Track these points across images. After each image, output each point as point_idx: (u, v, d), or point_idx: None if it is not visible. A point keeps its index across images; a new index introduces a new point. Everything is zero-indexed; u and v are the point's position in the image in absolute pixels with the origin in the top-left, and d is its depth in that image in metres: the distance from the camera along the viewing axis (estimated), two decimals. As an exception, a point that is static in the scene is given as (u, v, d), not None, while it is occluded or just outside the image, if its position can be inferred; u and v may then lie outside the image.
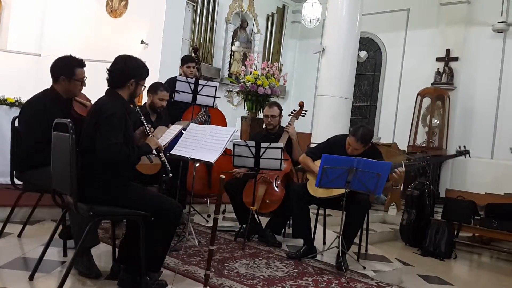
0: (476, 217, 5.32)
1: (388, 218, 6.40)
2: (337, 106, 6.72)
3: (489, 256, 5.50)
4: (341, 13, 6.72)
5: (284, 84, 7.78)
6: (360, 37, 7.08)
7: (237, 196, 4.10)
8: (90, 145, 2.41)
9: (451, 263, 4.87)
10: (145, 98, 4.48)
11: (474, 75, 8.84)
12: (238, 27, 10.26)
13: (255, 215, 4.00)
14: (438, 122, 8.87)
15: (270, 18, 10.93)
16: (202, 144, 3.13)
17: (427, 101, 8.92)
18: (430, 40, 9.29)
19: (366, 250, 4.13)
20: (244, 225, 3.96)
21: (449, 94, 8.83)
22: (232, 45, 10.07)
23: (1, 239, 3.27)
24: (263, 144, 3.74)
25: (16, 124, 3.19)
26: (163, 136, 2.97)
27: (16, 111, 4.26)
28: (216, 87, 4.58)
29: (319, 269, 3.37)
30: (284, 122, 4.35)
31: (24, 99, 4.11)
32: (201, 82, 4.50)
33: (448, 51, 9.02)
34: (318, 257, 3.66)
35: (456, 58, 8.96)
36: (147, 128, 2.70)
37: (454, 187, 8.55)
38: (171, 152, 3.12)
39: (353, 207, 3.43)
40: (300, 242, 3.80)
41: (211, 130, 3.20)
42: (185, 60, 4.97)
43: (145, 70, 2.64)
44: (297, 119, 4.44)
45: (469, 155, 3.94)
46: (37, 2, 9.00)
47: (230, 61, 10.12)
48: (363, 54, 7.13)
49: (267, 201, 4.01)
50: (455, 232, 5.24)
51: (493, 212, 5.17)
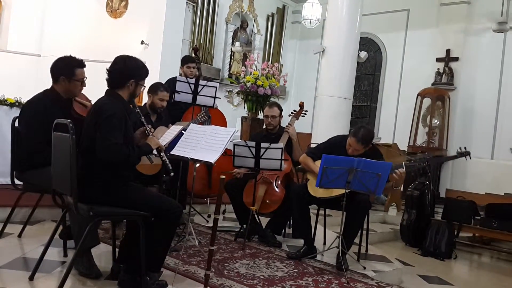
0: (476, 217, 5.32)
1: (388, 218, 6.40)
2: (337, 107, 6.73)
3: (489, 256, 5.49)
4: (341, 14, 6.73)
5: (284, 84, 7.78)
6: (360, 38, 7.09)
7: (237, 196, 4.10)
8: (90, 146, 2.41)
9: (451, 263, 4.87)
10: (145, 98, 4.49)
11: (474, 75, 8.84)
12: (238, 28, 10.26)
13: (255, 215, 4.00)
14: (438, 122, 8.87)
15: (270, 19, 10.94)
16: (202, 144, 3.13)
17: (427, 101, 8.93)
18: (430, 41, 9.30)
19: (366, 250, 4.13)
20: (244, 225, 3.96)
21: (449, 94, 8.83)
22: (232, 45, 10.07)
23: (1, 239, 3.27)
24: (263, 145, 3.74)
25: (16, 124, 3.19)
26: (163, 137, 2.98)
27: (16, 112, 4.25)
28: (216, 87, 4.59)
29: (319, 269, 3.37)
30: (284, 122, 4.35)
31: (24, 100, 4.12)
32: (201, 82, 4.50)
33: (448, 51, 9.02)
34: (318, 257, 3.66)
35: (456, 59, 8.96)
36: (148, 128, 2.70)
37: (454, 187, 8.55)
38: (171, 153, 3.12)
39: (354, 207, 3.43)
40: (300, 242, 3.80)
41: (211, 130, 3.21)
42: (185, 61, 4.97)
43: (145, 70, 2.64)
44: (297, 119, 4.44)
45: (470, 157, 3.94)
46: (37, 3, 9.00)
47: (230, 61, 10.12)
48: (363, 54, 7.14)
49: (267, 201, 4.01)
50: (455, 232, 5.24)
51: (493, 212, 5.17)
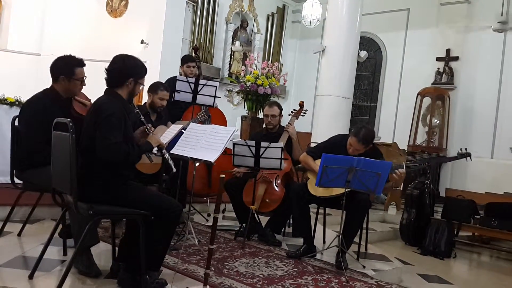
0: (476, 216, 5.32)
1: (388, 217, 6.40)
2: (337, 106, 6.73)
3: (488, 255, 5.50)
4: (341, 13, 6.73)
5: (284, 83, 7.79)
6: (360, 37, 7.09)
7: (237, 196, 4.10)
8: (90, 145, 2.41)
9: (451, 262, 4.87)
10: (145, 97, 4.49)
11: (474, 74, 8.84)
12: (238, 27, 10.26)
13: (255, 214, 4.00)
14: (438, 121, 8.87)
15: (270, 18, 10.93)
16: (202, 143, 3.13)
17: (427, 100, 8.93)
18: (430, 40, 9.29)
19: (366, 249, 4.13)
20: (244, 224, 3.97)
21: (449, 94, 8.83)
22: (232, 44, 10.08)
23: (1, 238, 3.27)
24: (263, 144, 3.74)
25: (16, 123, 3.19)
26: (163, 136, 2.98)
27: (16, 111, 4.26)
28: (216, 86, 4.59)
29: (319, 268, 3.37)
30: (284, 121, 4.35)
31: (24, 99, 4.12)
32: (201, 81, 4.50)
33: (448, 50, 9.02)
34: (318, 256, 3.66)
35: (456, 58, 8.96)
36: (148, 127, 2.70)
37: (454, 186, 8.55)
38: (171, 152, 3.12)
39: (353, 206, 3.44)
40: (300, 241, 3.80)
41: (211, 129, 3.21)
42: (185, 60, 4.98)
43: (144, 69, 2.64)
44: (297, 118, 4.44)
45: (470, 158, 3.93)
46: (37, 2, 9.00)
47: (230, 60, 10.12)
48: (363, 53, 7.13)
49: (267, 200, 4.02)
50: (455, 231, 5.24)
51: (493, 211, 5.17)
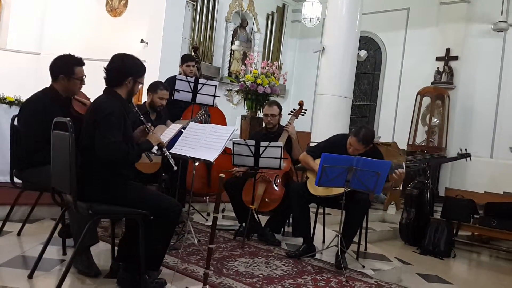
0: (475, 216, 5.32)
1: (388, 217, 6.40)
2: (337, 105, 6.73)
3: (488, 255, 5.50)
4: (341, 12, 6.73)
5: (284, 83, 7.80)
6: (360, 36, 7.09)
7: (236, 195, 4.10)
8: (89, 144, 2.41)
9: (450, 262, 4.87)
10: (144, 97, 4.48)
11: (474, 74, 8.84)
12: (238, 26, 10.26)
13: (255, 214, 4.00)
14: (437, 121, 8.87)
15: (270, 17, 10.93)
16: (202, 143, 3.13)
17: (426, 100, 8.92)
18: (430, 39, 9.29)
19: (366, 249, 4.13)
20: (244, 224, 3.97)
21: (449, 93, 8.83)
22: (232, 44, 10.07)
23: (1, 238, 3.27)
24: (262, 143, 3.74)
25: (16, 123, 3.19)
26: (162, 135, 2.98)
27: (15, 110, 4.26)
28: (215, 86, 4.59)
29: (318, 267, 3.37)
30: (284, 121, 4.35)
31: (23, 98, 4.11)
32: (201, 81, 4.50)
33: (448, 50, 9.01)
34: (318, 255, 3.66)
35: (456, 57, 8.96)
36: (148, 126, 2.70)
37: (453, 186, 8.54)
38: (170, 151, 3.12)
39: (353, 206, 3.43)
40: (300, 241, 3.80)
41: (210, 129, 3.21)
42: (185, 59, 4.97)
43: (143, 68, 2.63)
44: (296, 118, 4.44)
45: (470, 158, 3.93)
46: (37, 1, 9.00)
47: (230, 60, 10.12)
48: (363, 53, 7.12)
49: (266, 200, 4.01)
50: (454, 231, 5.24)
51: (492, 211, 5.17)
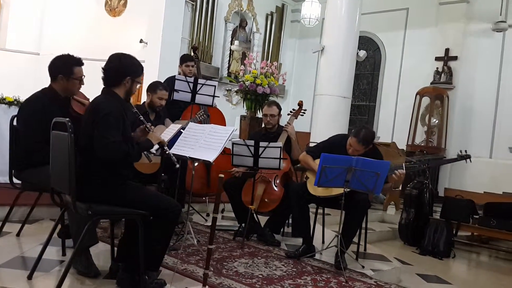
0: (474, 216, 5.32)
1: (387, 217, 6.40)
2: (336, 106, 6.72)
3: (487, 255, 5.50)
4: (340, 12, 6.72)
5: (283, 83, 7.80)
6: (359, 36, 7.08)
7: (236, 195, 4.10)
8: (88, 144, 2.41)
9: (450, 262, 4.87)
10: (144, 97, 4.48)
11: (473, 74, 8.84)
12: (237, 26, 10.25)
13: (254, 214, 4.00)
14: (437, 121, 8.87)
15: (269, 17, 10.93)
16: (201, 143, 3.13)
17: (426, 100, 8.92)
18: (429, 39, 9.29)
19: (365, 249, 4.13)
20: (243, 224, 3.96)
21: (448, 94, 8.83)
22: (231, 44, 10.06)
23: (0, 238, 3.26)
24: (262, 143, 3.73)
25: (15, 123, 3.18)
26: (162, 135, 2.98)
27: (14, 110, 4.26)
28: (215, 86, 4.59)
29: (318, 268, 3.37)
30: (283, 121, 4.35)
31: (23, 98, 4.11)
32: (200, 81, 4.50)
33: (447, 50, 9.01)
34: (317, 256, 3.66)
35: (455, 58, 8.96)
36: (148, 125, 2.69)
37: (453, 186, 8.55)
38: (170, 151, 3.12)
39: (353, 206, 3.43)
40: (299, 241, 3.80)
41: (210, 129, 3.21)
42: (184, 59, 4.96)
43: (140, 68, 2.63)
44: (296, 118, 4.44)
45: (470, 160, 3.94)
46: (36, 1, 9.00)
47: (229, 60, 10.11)
48: (362, 53, 7.13)
49: (266, 200, 4.01)
50: (454, 231, 5.24)
51: (492, 211, 5.17)
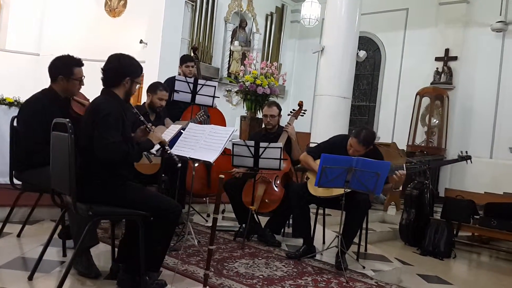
0: (475, 216, 5.32)
1: (388, 217, 6.40)
2: (336, 106, 6.72)
3: (488, 255, 5.50)
4: (340, 13, 6.72)
5: (283, 83, 7.79)
6: (359, 37, 7.09)
7: (236, 196, 4.10)
8: (88, 144, 2.41)
9: (451, 263, 4.87)
10: (144, 97, 4.47)
11: (473, 74, 8.85)
12: (237, 27, 10.26)
13: (255, 215, 4.00)
14: (437, 121, 8.87)
15: (269, 18, 10.93)
16: (201, 143, 3.13)
17: (426, 100, 8.93)
18: (429, 40, 9.30)
19: (366, 250, 4.13)
20: (244, 225, 3.96)
21: (448, 94, 8.83)
22: (231, 44, 10.06)
23: (0, 239, 3.26)
24: (262, 144, 3.73)
25: (15, 124, 3.18)
26: (162, 136, 2.97)
27: (15, 111, 4.25)
28: (215, 86, 4.59)
29: (319, 268, 3.37)
30: (283, 121, 4.35)
31: (23, 99, 4.11)
32: (200, 81, 4.50)
33: (447, 50, 9.02)
34: (318, 256, 3.66)
35: (455, 58, 8.96)
36: (148, 125, 2.69)
37: (453, 186, 8.55)
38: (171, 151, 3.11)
39: (353, 207, 3.43)
40: (300, 241, 3.80)
41: (210, 129, 3.21)
42: (184, 60, 4.96)
43: (139, 68, 2.63)
44: (296, 118, 4.44)
45: (471, 161, 3.94)
46: (36, 2, 9.01)
47: (229, 60, 10.11)
48: (362, 53, 7.12)
49: (266, 200, 4.01)
50: (454, 232, 5.24)
51: (492, 211, 5.17)
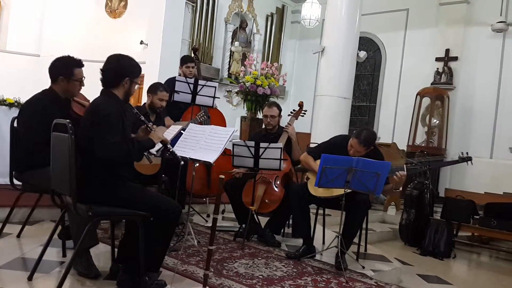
0: (475, 216, 5.32)
1: (388, 217, 6.40)
2: (337, 106, 6.73)
3: (488, 255, 5.49)
4: (341, 13, 6.73)
5: (283, 84, 7.80)
6: (360, 37, 7.09)
7: (236, 196, 4.10)
8: (87, 145, 2.41)
9: (450, 263, 4.87)
10: (144, 98, 4.48)
11: (474, 74, 8.85)
12: (237, 27, 10.27)
13: (255, 215, 4.00)
14: (437, 122, 8.87)
15: (270, 18, 10.94)
16: (202, 144, 3.14)
17: (426, 100, 8.93)
18: (430, 40, 9.30)
19: (366, 250, 4.13)
20: (244, 225, 3.97)
21: (449, 94, 8.84)
22: (231, 45, 10.08)
23: (0, 240, 3.27)
24: (262, 144, 3.73)
25: (15, 124, 3.19)
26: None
27: (15, 112, 4.25)
28: (215, 87, 4.59)
29: (318, 268, 3.37)
30: (283, 122, 4.35)
31: (23, 100, 4.11)
32: (201, 82, 4.50)
33: (447, 51, 9.02)
34: (317, 256, 3.66)
35: (455, 58, 8.97)
36: (149, 125, 2.69)
37: (453, 186, 8.54)
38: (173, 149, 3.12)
39: (353, 207, 3.43)
40: (300, 242, 3.80)
41: (210, 130, 3.22)
42: (184, 60, 4.96)
43: (138, 68, 2.63)
44: (296, 119, 4.44)
45: (472, 162, 3.94)
46: (36, 3, 9.03)
47: (229, 61, 10.12)
48: (363, 54, 7.12)
49: (266, 201, 4.01)
50: (454, 232, 5.24)
51: (492, 211, 5.17)
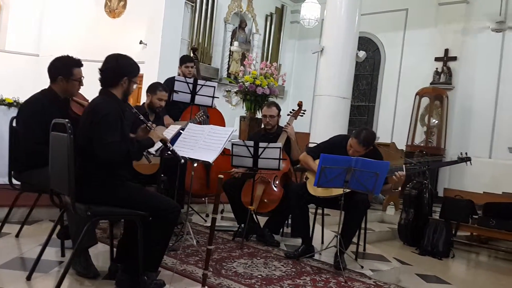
0: (474, 216, 5.32)
1: (386, 217, 6.40)
2: (336, 106, 6.73)
3: (487, 255, 5.50)
4: (340, 13, 6.73)
5: (282, 84, 7.81)
6: (359, 37, 7.09)
7: (235, 196, 4.10)
8: (86, 145, 2.41)
9: (449, 262, 4.88)
10: (143, 98, 4.48)
11: (473, 74, 8.85)
12: (237, 27, 10.27)
13: (253, 215, 4.00)
14: (436, 121, 8.88)
15: (269, 18, 10.94)
16: (201, 144, 3.14)
17: (425, 100, 8.93)
18: (429, 40, 9.30)
19: (364, 250, 4.14)
20: (242, 225, 3.97)
21: (448, 94, 8.85)
22: (230, 45, 10.08)
23: (-1, 239, 3.27)
24: (261, 144, 3.74)
25: (14, 124, 3.19)
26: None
27: (14, 112, 4.26)
28: (214, 87, 4.59)
29: (317, 268, 3.37)
30: (282, 122, 4.35)
31: (22, 100, 4.12)
32: (200, 82, 4.51)
33: (446, 50, 9.03)
34: (316, 256, 3.67)
35: (454, 58, 8.97)
36: (148, 124, 2.69)
37: (452, 186, 8.55)
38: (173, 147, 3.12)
39: (352, 206, 3.44)
40: (298, 241, 3.80)
41: (209, 130, 3.21)
42: (183, 60, 4.97)
43: (137, 68, 2.64)
44: (295, 119, 4.44)
45: (471, 163, 3.95)
46: (35, 3, 9.02)
47: (228, 61, 10.13)
48: (362, 54, 7.13)
49: (265, 200, 4.02)
50: (453, 231, 5.24)
51: (491, 211, 5.17)
